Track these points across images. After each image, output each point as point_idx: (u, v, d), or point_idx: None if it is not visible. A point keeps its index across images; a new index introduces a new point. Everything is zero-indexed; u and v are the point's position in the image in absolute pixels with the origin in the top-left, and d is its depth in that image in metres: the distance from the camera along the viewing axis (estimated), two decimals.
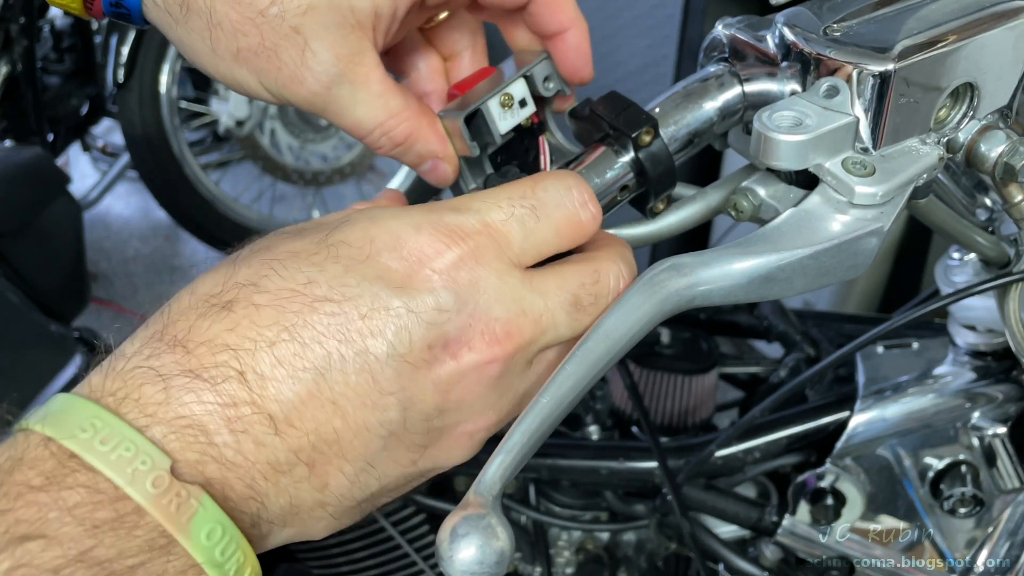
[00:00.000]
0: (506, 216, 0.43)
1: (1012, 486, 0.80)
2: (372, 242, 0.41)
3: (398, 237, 0.41)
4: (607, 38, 2.39)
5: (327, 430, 0.40)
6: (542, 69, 0.53)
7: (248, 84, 0.49)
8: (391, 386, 0.40)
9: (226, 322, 0.39)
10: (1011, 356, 0.80)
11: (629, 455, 0.91)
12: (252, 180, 2.86)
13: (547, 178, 0.46)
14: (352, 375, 0.40)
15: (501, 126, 0.52)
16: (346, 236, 0.42)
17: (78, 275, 1.50)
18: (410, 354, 0.40)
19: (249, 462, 0.38)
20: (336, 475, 0.41)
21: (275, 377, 0.39)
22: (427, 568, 1.00)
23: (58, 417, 0.37)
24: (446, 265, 0.41)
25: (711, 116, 0.54)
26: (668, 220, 0.58)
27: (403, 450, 0.43)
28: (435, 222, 0.42)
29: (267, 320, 0.39)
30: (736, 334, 1.18)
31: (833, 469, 0.83)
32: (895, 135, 0.49)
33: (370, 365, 0.40)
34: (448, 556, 0.37)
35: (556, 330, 0.44)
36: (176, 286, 1.21)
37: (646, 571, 1.01)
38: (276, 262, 0.41)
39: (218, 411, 0.38)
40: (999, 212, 0.64)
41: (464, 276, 0.41)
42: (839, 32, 0.50)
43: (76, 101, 2.73)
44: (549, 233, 0.45)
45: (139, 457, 0.36)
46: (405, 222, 0.42)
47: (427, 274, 0.41)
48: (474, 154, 0.52)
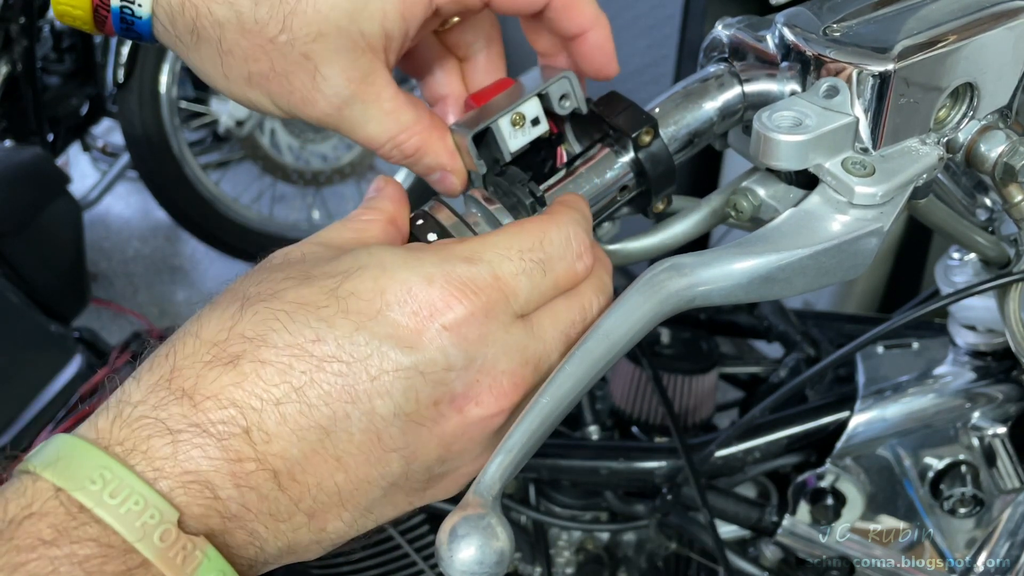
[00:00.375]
0: (517, 270, 0.43)
1: (1012, 486, 0.80)
2: (383, 294, 0.41)
3: (409, 290, 0.41)
4: None
5: (329, 484, 0.40)
6: (559, 88, 0.51)
7: (261, 104, 0.50)
8: (395, 443, 0.41)
9: (232, 375, 0.39)
10: (1011, 356, 0.80)
11: (629, 455, 0.91)
12: (252, 180, 2.86)
13: (551, 227, 0.46)
14: (357, 433, 0.40)
15: (511, 144, 0.51)
16: (356, 287, 0.41)
17: (78, 275, 1.50)
18: (416, 413, 0.41)
19: (251, 514, 0.39)
20: (334, 521, 0.42)
21: (280, 435, 0.39)
22: (427, 568, 1.00)
23: (67, 464, 0.37)
24: (456, 321, 0.41)
25: (711, 116, 0.54)
26: (673, 231, 0.58)
27: (402, 496, 0.44)
28: (447, 274, 0.42)
29: (274, 378, 0.39)
30: (736, 334, 1.18)
31: (833, 469, 0.83)
32: (895, 135, 0.49)
33: (376, 424, 0.40)
34: (448, 556, 0.37)
35: (551, 366, 0.45)
36: (176, 286, 1.21)
37: (646, 571, 1.01)
38: (283, 314, 0.40)
39: (224, 467, 0.38)
40: (999, 212, 0.64)
41: (473, 332, 0.41)
42: (839, 32, 0.50)
43: (76, 101, 2.72)
44: (551, 286, 0.45)
45: (147, 511, 0.36)
46: (417, 274, 0.41)
47: (437, 330, 0.41)
48: (481, 171, 0.51)
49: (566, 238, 0.46)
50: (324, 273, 0.42)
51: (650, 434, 1.04)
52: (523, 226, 0.46)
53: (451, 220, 0.50)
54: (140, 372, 0.41)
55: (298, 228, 2.81)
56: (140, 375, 0.40)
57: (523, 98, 0.51)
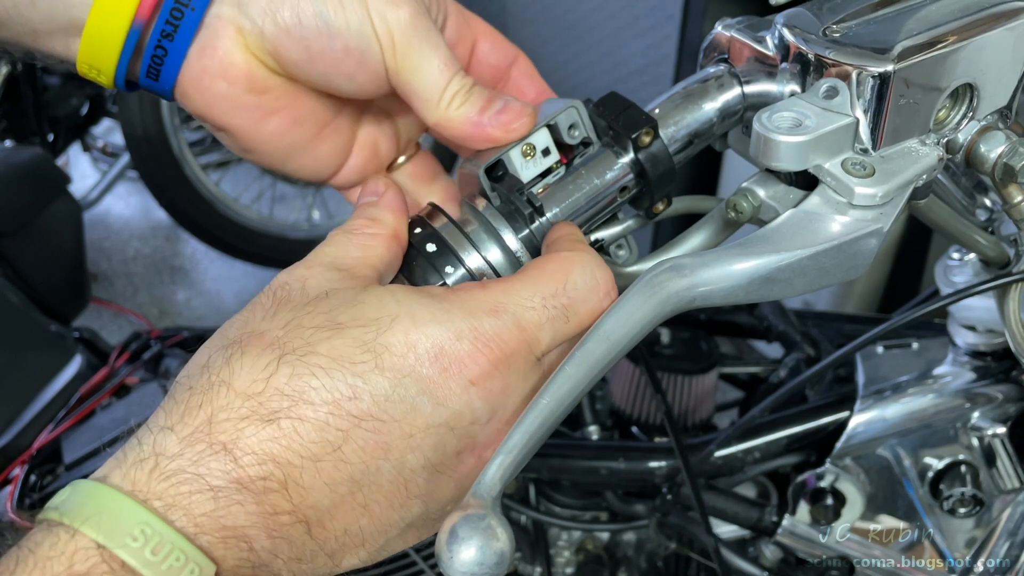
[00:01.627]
0: (541, 319, 0.44)
1: (1012, 486, 0.80)
2: (414, 348, 0.42)
3: (440, 346, 0.42)
4: (607, 38, 2.39)
5: (354, 528, 0.42)
6: (567, 117, 0.51)
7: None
8: (420, 491, 0.43)
9: (271, 431, 0.40)
10: (1011, 356, 0.80)
11: (629, 455, 0.91)
12: (252, 180, 2.86)
13: (574, 269, 0.46)
14: (386, 484, 0.42)
15: (523, 175, 0.51)
16: (389, 341, 0.42)
17: (78, 275, 1.50)
18: (441, 463, 0.43)
19: (280, 561, 0.40)
20: (351, 558, 0.43)
21: (315, 487, 0.40)
22: (427, 568, 1.00)
23: (107, 519, 0.37)
24: (484, 375, 0.43)
25: (711, 117, 0.54)
26: (691, 245, 0.57)
27: (415, 532, 0.46)
28: (475, 330, 0.43)
29: (312, 435, 0.40)
30: (736, 334, 1.18)
31: (833, 469, 0.83)
32: (895, 136, 0.49)
33: (404, 476, 0.42)
34: (448, 557, 0.37)
35: None
36: (176, 286, 1.21)
37: (646, 571, 1.01)
38: (320, 370, 0.41)
39: (260, 520, 0.39)
40: (999, 212, 0.64)
41: (498, 385, 0.43)
42: (839, 33, 0.50)
43: (76, 101, 2.72)
44: (574, 329, 0.46)
45: (187, 566, 0.37)
46: (448, 329, 0.42)
47: (465, 386, 0.42)
48: (495, 204, 0.51)
49: (591, 277, 0.46)
50: (354, 321, 0.42)
51: (650, 434, 1.04)
52: (544, 268, 0.46)
53: (448, 228, 0.50)
54: (171, 420, 0.40)
55: (298, 228, 2.81)
56: (172, 424, 0.40)
57: (532, 129, 0.51)
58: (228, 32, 0.49)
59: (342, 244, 0.47)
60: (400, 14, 0.48)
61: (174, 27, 0.48)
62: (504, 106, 0.50)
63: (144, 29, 0.48)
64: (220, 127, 0.53)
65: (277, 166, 0.55)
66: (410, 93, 0.50)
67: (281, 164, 0.55)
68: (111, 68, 0.50)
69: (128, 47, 0.49)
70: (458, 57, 0.54)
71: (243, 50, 0.49)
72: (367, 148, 0.58)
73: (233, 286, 2.93)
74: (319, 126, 0.55)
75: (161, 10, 0.48)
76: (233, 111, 0.51)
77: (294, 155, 0.55)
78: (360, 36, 0.48)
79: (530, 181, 0.51)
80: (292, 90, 0.52)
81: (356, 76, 0.50)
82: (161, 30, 0.48)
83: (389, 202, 0.50)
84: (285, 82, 0.52)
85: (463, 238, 0.50)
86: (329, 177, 0.57)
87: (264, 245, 2.74)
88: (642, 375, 1.02)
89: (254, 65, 0.50)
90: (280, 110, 0.52)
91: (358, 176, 0.58)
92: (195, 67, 0.50)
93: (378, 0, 0.48)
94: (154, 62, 0.49)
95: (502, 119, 0.50)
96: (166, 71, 0.50)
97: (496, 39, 0.57)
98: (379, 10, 0.48)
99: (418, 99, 0.50)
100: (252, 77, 0.50)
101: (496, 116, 0.50)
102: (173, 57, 0.49)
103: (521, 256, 0.50)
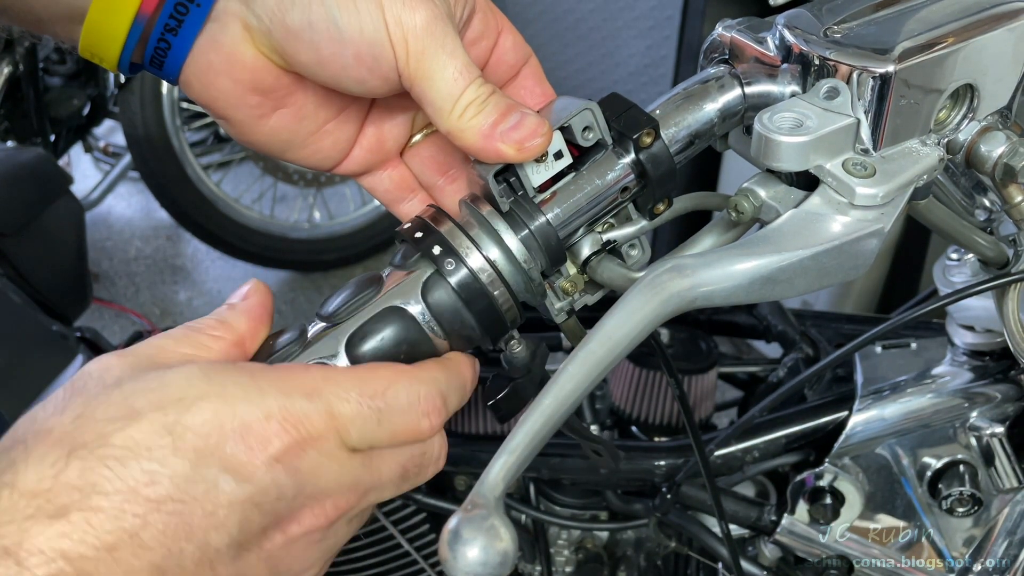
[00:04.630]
0: (352, 413, 0.44)
1: (1010, 485, 0.80)
2: (221, 428, 0.41)
3: (247, 425, 0.41)
4: (607, 39, 2.40)
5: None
6: (581, 120, 0.50)
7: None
8: (227, 571, 0.41)
9: (60, 526, 0.37)
10: (1009, 356, 0.80)
11: (629, 455, 0.91)
12: (253, 180, 2.86)
13: (402, 380, 0.46)
14: (191, 566, 0.40)
15: (534, 179, 0.51)
16: (193, 423, 0.41)
17: (80, 275, 1.50)
18: (247, 540, 0.42)
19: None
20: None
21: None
22: (428, 568, 1.00)
23: None
24: (289, 453, 0.42)
25: (712, 118, 0.54)
26: (702, 246, 0.57)
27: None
28: (285, 409, 0.42)
29: (106, 525, 0.38)
30: (735, 334, 1.18)
31: (832, 468, 0.83)
32: (895, 136, 0.49)
33: (209, 556, 0.40)
34: (451, 557, 0.37)
35: (381, 495, 0.46)
36: (178, 286, 1.21)
37: (645, 570, 1.01)
38: (113, 460, 0.39)
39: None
40: (998, 212, 0.64)
41: (306, 464, 0.42)
42: (839, 34, 0.51)
43: (78, 102, 2.72)
44: (385, 436, 0.46)
45: None
46: (259, 408, 0.42)
47: (271, 463, 0.41)
48: (504, 209, 0.50)
49: (414, 395, 0.46)
50: (152, 405, 0.41)
51: (650, 434, 1.04)
52: (375, 371, 0.46)
53: (450, 230, 0.50)
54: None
55: (299, 228, 2.82)
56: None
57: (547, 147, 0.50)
58: (235, 27, 0.48)
59: (177, 338, 0.46)
60: (416, 18, 0.46)
61: (178, 22, 0.48)
62: (519, 121, 0.48)
63: (148, 23, 0.48)
64: (222, 117, 0.52)
65: (276, 156, 0.55)
66: (423, 100, 0.48)
67: (280, 155, 0.55)
68: (114, 56, 0.49)
69: (132, 39, 0.48)
70: (481, 51, 0.53)
71: (250, 46, 0.49)
72: (373, 140, 0.57)
73: (234, 286, 2.90)
74: (322, 122, 0.54)
75: (165, 5, 0.47)
76: (236, 106, 0.51)
77: (294, 147, 0.54)
78: (373, 43, 0.47)
79: (540, 185, 0.51)
80: (298, 86, 0.52)
81: (367, 80, 0.49)
82: (165, 24, 0.48)
83: (248, 309, 0.49)
84: (291, 78, 0.51)
85: (464, 238, 0.50)
86: (331, 168, 0.57)
87: (265, 245, 2.75)
88: (643, 375, 1.02)
89: (261, 62, 0.49)
90: (284, 106, 0.52)
91: (362, 167, 0.57)
92: (201, 61, 0.49)
93: (394, 2, 0.46)
94: (158, 53, 0.49)
95: (515, 136, 0.48)
96: (170, 62, 0.49)
97: (516, 37, 0.56)
98: (395, 13, 0.46)
99: (431, 107, 0.48)
100: (257, 75, 0.50)
101: (509, 132, 0.48)
102: (177, 50, 0.49)
103: (522, 257, 0.50)
